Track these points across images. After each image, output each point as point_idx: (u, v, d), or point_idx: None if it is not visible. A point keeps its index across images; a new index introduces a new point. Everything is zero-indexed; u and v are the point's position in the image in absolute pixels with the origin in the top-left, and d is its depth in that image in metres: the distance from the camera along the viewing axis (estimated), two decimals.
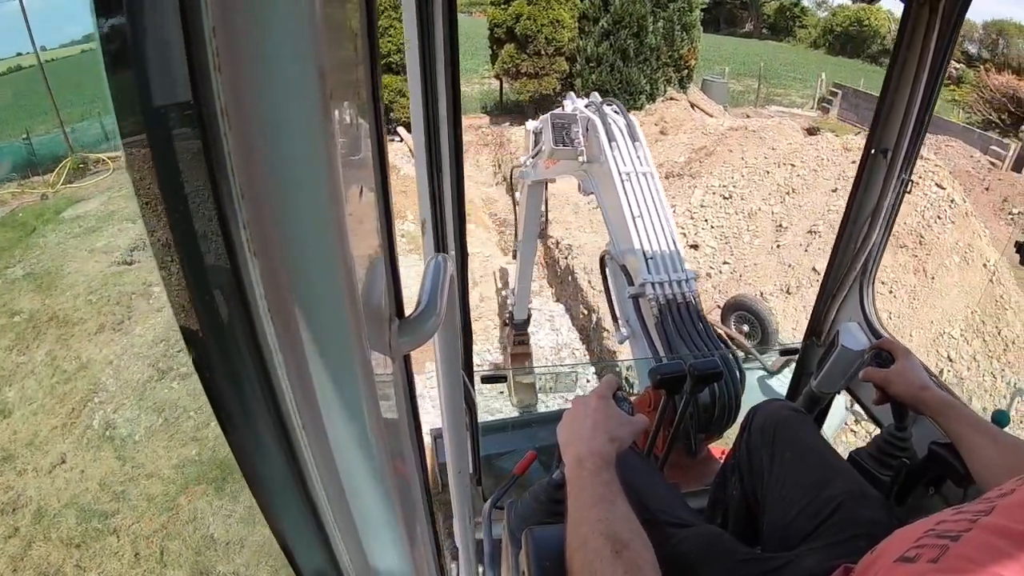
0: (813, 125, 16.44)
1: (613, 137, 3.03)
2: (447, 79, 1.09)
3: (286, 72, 0.30)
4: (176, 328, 0.35)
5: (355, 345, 0.41)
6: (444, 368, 0.70)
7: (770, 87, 23.54)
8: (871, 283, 2.02)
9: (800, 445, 1.33)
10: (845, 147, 9.68)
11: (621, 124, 3.12)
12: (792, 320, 7.33)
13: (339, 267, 0.37)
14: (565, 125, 3.24)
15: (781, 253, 8.31)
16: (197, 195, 0.31)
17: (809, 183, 9.12)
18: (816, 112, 21.25)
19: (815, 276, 7.62)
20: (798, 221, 8.59)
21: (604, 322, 7.59)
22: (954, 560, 0.58)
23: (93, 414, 6.23)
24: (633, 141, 3.05)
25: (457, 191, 1.27)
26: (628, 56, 15.95)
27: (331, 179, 0.34)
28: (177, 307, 0.35)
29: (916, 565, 0.61)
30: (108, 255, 9.32)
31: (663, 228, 2.78)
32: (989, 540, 0.58)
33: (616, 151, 2.98)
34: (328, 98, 0.31)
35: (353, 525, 0.51)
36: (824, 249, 7.81)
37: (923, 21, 1.57)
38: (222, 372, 0.38)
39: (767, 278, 8.06)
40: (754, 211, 9.18)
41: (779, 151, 10.27)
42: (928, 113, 1.69)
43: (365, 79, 0.39)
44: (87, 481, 5.49)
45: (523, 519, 1.16)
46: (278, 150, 0.32)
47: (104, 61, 0.27)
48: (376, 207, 0.43)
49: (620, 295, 2.96)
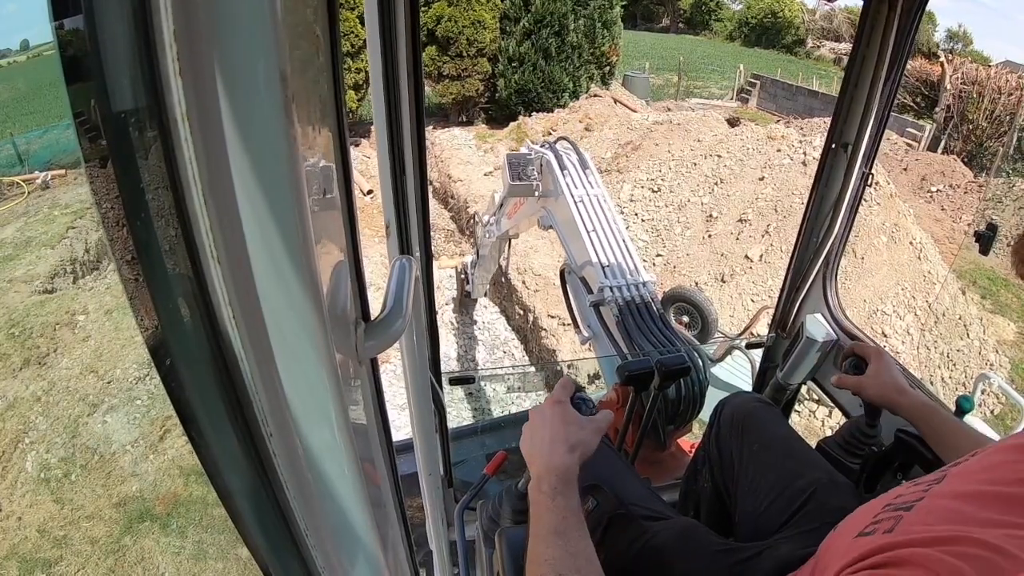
0: (734, 116, 16.95)
1: (565, 167, 3.35)
2: (409, 81, 1.08)
3: (247, 76, 0.30)
4: (104, 359, 0.35)
5: (322, 350, 0.41)
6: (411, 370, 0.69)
7: (690, 80, 24.23)
8: (834, 275, 2.06)
9: (769, 436, 1.34)
10: (770, 136, 10.06)
11: (573, 158, 3.44)
12: (729, 308, 7.58)
13: (304, 271, 0.37)
14: (520, 163, 3.58)
15: (713, 243, 8.57)
16: (158, 201, 0.31)
17: (736, 173, 9.42)
18: (736, 103, 21.94)
19: (748, 264, 7.90)
20: (728, 210, 8.86)
21: (540, 321, 7.67)
22: (907, 526, 0.61)
23: (25, 456, 5.82)
24: (584, 169, 3.37)
25: (421, 193, 1.26)
26: (550, 55, 16.08)
27: (294, 183, 0.34)
28: (140, 316, 0.34)
29: (873, 537, 0.64)
30: (28, 284, 8.73)
31: (616, 239, 2.95)
32: (940, 503, 0.62)
33: (568, 178, 3.28)
34: (290, 101, 0.31)
35: (325, 531, 0.51)
36: (754, 236, 8.13)
37: (882, 17, 1.60)
38: (188, 381, 0.37)
39: (701, 268, 8.28)
40: (684, 203, 9.42)
41: (705, 143, 10.58)
42: (888, 108, 1.72)
43: (328, 82, 0.39)
44: (25, 529, 5.11)
45: (494, 521, 1.17)
46: (240, 154, 0.31)
47: (62, 66, 0.27)
48: (340, 210, 0.43)
49: (580, 304, 3.10)
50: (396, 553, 0.62)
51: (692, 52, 28.52)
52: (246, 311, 0.36)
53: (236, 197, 0.32)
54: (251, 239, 0.34)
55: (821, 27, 35.12)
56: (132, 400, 6.29)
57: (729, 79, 24.21)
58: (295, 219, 0.35)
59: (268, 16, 0.29)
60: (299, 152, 0.33)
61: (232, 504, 0.45)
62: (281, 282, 0.36)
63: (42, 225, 10.44)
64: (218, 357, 0.36)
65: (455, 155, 13.26)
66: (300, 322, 0.38)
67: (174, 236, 0.32)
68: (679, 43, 33.80)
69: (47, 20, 0.25)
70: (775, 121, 16.99)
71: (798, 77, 22.90)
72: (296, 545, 0.49)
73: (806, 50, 33.31)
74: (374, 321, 0.49)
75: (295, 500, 0.46)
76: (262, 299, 0.36)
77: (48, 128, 14.83)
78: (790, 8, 34.61)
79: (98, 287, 9.00)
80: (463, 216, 11.15)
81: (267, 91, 0.30)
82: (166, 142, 0.29)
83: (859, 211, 1.92)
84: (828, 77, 24.51)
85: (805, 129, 12.01)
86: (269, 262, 0.35)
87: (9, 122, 14.59)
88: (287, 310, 0.37)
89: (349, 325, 0.46)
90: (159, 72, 0.28)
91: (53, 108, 17.85)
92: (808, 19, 35.39)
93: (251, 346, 0.37)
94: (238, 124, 0.31)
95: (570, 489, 0.92)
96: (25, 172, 12.98)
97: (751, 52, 32.72)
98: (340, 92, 0.40)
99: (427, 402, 0.74)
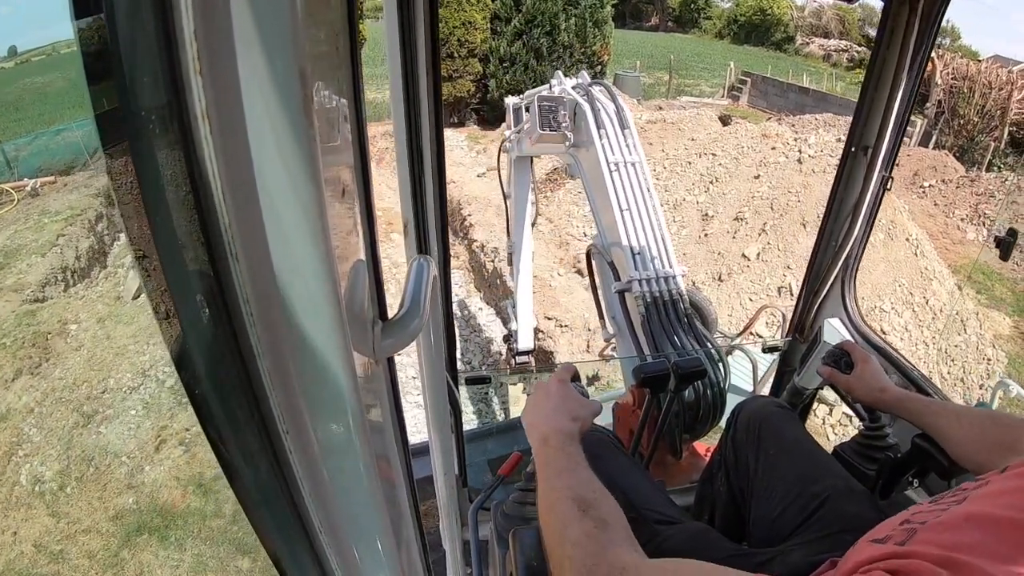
0: (725, 114, 17.04)
1: (602, 124, 2.87)
2: (428, 81, 1.08)
3: (267, 74, 0.30)
4: (98, 368, 0.34)
5: (339, 348, 0.41)
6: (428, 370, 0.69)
7: (680, 78, 24.36)
8: (852, 279, 2.04)
9: (785, 441, 1.35)
10: (764, 134, 10.11)
11: (611, 110, 2.96)
12: (727, 307, 7.59)
13: (322, 269, 0.37)
14: (552, 108, 3.05)
15: (710, 242, 8.60)
16: (179, 199, 0.31)
17: (731, 171, 9.47)
18: (727, 100, 22.08)
19: (745, 262, 7.93)
20: (723, 209, 8.91)
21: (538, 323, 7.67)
22: (917, 543, 0.62)
23: (19, 469, 5.76)
24: (623, 129, 2.89)
25: (439, 192, 1.27)
26: (541, 55, 16.17)
27: (313, 181, 0.34)
28: (159, 313, 0.34)
29: (884, 546, 0.65)
30: (19, 293, 8.68)
31: (651, 222, 2.70)
32: (955, 523, 0.63)
33: (604, 139, 2.83)
34: (310, 99, 0.31)
35: (340, 529, 0.51)
36: (751, 235, 8.16)
37: (902, 20, 1.60)
38: (206, 379, 0.37)
39: (698, 267, 8.31)
40: (679, 202, 9.46)
41: (699, 141, 10.63)
42: (908, 110, 1.72)
43: (347, 79, 0.39)
44: (21, 544, 5.05)
45: (509, 519, 1.17)
46: (259, 153, 0.31)
47: (83, 64, 0.27)
48: (358, 208, 0.43)
49: (607, 290, 2.90)
50: (410, 552, 0.62)
51: (682, 50, 28.67)
52: (264, 309, 0.36)
53: (256, 195, 0.32)
54: (271, 237, 0.34)
55: (810, 24, 35.33)
56: (127, 410, 6.25)
57: (719, 77, 24.33)
58: (314, 217, 0.35)
59: (287, 14, 0.29)
60: (318, 150, 0.33)
61: (248, 500, 0.44)
62: (299, 280, 0.36)
63: (32, 233, 10.37)
64: (236, 353, 0.36)
65: (447, 156, 13.17)
66: (318, 320, 0.38)
67: (193, 233, 0.32)
68: (669, 41, 33.96)
69: (34, 27, 0.25)
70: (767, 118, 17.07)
71: (788, 74, 23.06)
72: (311, 542, 0.49)
73: (795, 47, 33.52)
74: (391, 320, 0.49)
75: (311, 497, 0.46)
76: (281, 296, 0.36)
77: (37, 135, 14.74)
78: (779, 5, 34.81)
79: (90, 295, 8.95)
80: (456, 218, 11.15)
81: (286, 89, 0.30)
82: (186, 140, 0.29)
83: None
84: (818, 74, 24.70)
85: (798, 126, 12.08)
86: (288, 260, 0.35)
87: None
88: (305, 308, 0.37)
89: (367, 324, 0.46)
90: (179, 70, 0.28)
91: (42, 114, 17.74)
92: (797, 16, 35.60)
93: (269, 343, 0.37)
94: (257, 122, 0.31)
95: (575, 446, 0.99)
96: (14, 179, 12.88)
97: (740, 50, 32.90)
98: (359, 90, 0.40)
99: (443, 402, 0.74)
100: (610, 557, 0.74)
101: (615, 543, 0.77)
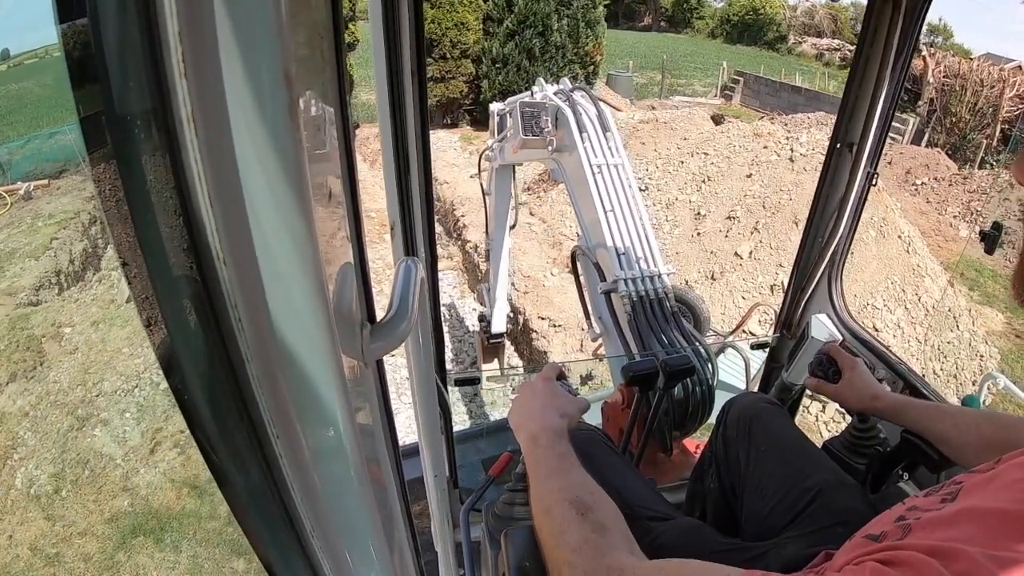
0: (717, 113, 17.05)
1: (584, 128, 2.91)
2: (413, 82, 1.08)
3: (252, 77, 0.30)
4: (92, 371, 0.34)
5: (328, 352, 0.41)
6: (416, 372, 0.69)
7: (673, 78, 24.30)
8: (839, 275, 2.06)
9: (775, 436, 1.35)
10: (756, 133, 10.13)
11: (592, 114, 3.00)
12: (720, 305, 7.61)
13: (310, 272, 0.37)
14: (534, 114, 3.10)
15: (702, 240, 8.61)
16: (164, 203, 0.31)
17: (723, 170, 9.48)
18: (720, 100, 22.06)
19: (737, 261, 7.94)
20: (716, 208, 8.91)
21: (531, 323, 7.66)
22: (916, 532, 0.63)
23: (15, 472, 5.72)
24: (604, 131, 2.93)
25: (425, 193, 1.27)
26: (534, 55, 16.06)
27: (300, 184, 0.34)
28: (146, 318, 0.34)
29: (880, 543, 0.65)
30: (12, 297, 8.63)
31: (635, 222, 2.71)
32: (949, 519, 0.63)
33: (587, 142, 2.87)
34: (295, 102, 0.31)
35: (332, 532, 0.50)
36: (743, 234, 8.18)
37: (886, 17, 1.61)
38: (195, 384, 0.37)
39: (690, 266, 8.32)
40: (672, 201, 9.46)
41: (691, 140, 10.63)
42: (892, 107, 1.73)
43: (332, 82, 0.39)
44: (17, 547, 5.02)
45: (500, 520, 1.17)
46: (246, 156, 0.31)
47: (68, 68, 0.27)
48: (345, 211, 0.43)
49: (592, 291, 2.90)
50: (402, 555, 0.62)
51: (675, 50, 28.65)
52: (252, 312, 0.36)
53: (242, 198, 0.32)
54: (257, 240, 0.34)
55: (803, 23, 35.43)
56: (121, 413, 6.22)
57: (712, 76, 24.35)
58: (301, 220, 0.34)
59: (272, 17, 0.29)
60: (304, 153, 0.33)
61: (239, 505, 0.44)
62: (287, 283, 0.36)
63: (25, 236, 10.30)
64: (224, 358, 0.36)
65: (440, 157, 13.25)
66: (306, 323, 0.38)
67: (180, 238, 0.32)
68: (661, 41, 33.97)
69: (25, 29, 0.25)
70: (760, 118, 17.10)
71: (781, 73, 23.09)
72: (302, 546, 0.49)
73: (788, 46, 33.57)
74: (380, 323, 0.49)
75: (301, 501, 0.46)
76: (268, 300, 0.36)
77: (30, 138, 14.63)
78: (771, 5, 34.90)
79: (84, 298, 8.89)
80: (450, 219, 11.14)
81: (272, 92, 0.30)
82: (172, 143, 0.29)
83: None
84: (810, 73, 24.76)
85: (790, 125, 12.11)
86: (275, 263, 0.35)
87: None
88: (293, 311, 0.37)
89: (355, 326, 0.46)
90: (164, 73, 0.27)
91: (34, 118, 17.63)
92: (790, 15, 35.71)
93: (257, 347, 0.37)
94: (243, 125, 0.31)
95: (565, 443, 1.00)
96: (7, 183, 12.80)
97: (733, 49, 32.94)
98: (344, 92, 0.40)
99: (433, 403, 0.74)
100: (608, 561, 0.74)
101: (614, 547, 0.77)
